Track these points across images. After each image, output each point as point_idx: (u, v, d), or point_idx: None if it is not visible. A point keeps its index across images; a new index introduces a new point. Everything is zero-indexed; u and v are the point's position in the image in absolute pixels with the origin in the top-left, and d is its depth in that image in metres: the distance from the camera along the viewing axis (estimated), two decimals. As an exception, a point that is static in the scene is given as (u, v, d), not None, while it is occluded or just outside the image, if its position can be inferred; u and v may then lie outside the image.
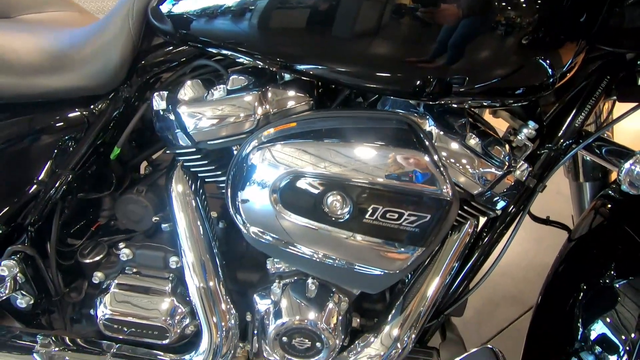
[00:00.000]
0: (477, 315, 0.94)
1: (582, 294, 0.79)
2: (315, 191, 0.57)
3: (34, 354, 0.79)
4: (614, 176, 0.92)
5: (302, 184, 0.58)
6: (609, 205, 0.83)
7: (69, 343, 0.82)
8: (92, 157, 0.79)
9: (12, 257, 0.77)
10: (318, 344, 0.74)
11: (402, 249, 0.58)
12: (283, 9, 0.58)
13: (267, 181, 0.59)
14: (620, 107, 0.76)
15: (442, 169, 0.56)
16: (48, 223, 0.80)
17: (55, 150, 0.75)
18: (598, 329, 0.74)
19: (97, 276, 0.84)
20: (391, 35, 0.55)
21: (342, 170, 0.56)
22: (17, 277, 0.78)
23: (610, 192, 0.86)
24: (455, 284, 0.79)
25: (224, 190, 0.74)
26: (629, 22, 0.58)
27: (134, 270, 0.83)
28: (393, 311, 0.76)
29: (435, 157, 0.56)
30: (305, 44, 0.59)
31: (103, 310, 0.80)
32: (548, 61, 0.54)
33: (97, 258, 0.85)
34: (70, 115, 0.73)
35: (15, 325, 0.86)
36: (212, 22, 0.62)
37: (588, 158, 0.91)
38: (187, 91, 0.68)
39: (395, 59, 0.57)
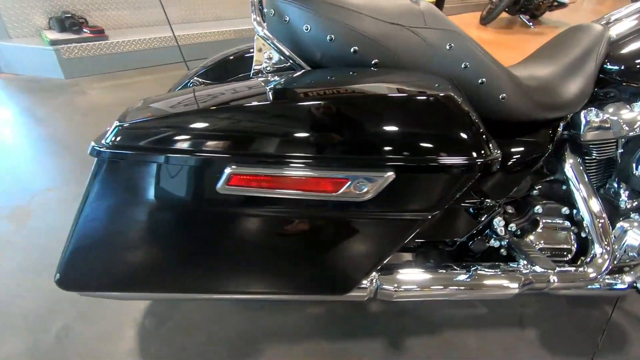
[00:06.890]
0: None
1: None
2: None
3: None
4: None
5: None
6: None
7: (487, 269, 1.25)
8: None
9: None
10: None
11: None
12: None
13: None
14: None
15: None
16: None
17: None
18: None
19: (511, 226, 1.33)
20: None
21: None
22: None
23: None
24: None
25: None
26: None
27: (538, 218, 1.33)
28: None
29: None
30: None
31: (532, 244, 1.30)
32: None
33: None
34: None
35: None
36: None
37: None
38: (615, 108, 1.18)
39: None
